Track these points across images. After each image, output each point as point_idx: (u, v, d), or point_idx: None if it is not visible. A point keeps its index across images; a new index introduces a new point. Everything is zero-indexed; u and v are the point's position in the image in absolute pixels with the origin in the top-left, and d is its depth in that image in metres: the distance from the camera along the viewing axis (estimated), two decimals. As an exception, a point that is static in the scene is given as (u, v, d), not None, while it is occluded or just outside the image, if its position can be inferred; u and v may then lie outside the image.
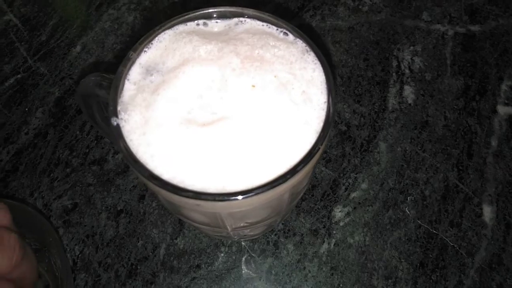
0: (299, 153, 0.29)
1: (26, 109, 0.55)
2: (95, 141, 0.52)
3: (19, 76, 0.57)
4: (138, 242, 0.46)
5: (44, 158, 0.51)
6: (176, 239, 0.47)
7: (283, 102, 0.30)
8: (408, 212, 0.48)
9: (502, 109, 0.55)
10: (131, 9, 0.63)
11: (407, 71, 0.58)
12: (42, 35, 0.61)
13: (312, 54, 0.32)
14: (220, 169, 0.28)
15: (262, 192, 0.27)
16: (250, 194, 0.26)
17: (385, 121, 0.54)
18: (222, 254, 0.46)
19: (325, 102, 0.30)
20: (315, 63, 0.31)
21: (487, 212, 0.48)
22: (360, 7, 0.63)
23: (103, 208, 0.48)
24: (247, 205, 0.28)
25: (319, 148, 0.28)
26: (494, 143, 0.53)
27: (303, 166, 0.28)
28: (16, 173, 0.50)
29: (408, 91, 0.56)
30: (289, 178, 0.27)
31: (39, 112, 0.54)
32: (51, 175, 0.50)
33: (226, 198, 0.26)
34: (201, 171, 0.28)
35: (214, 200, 0.26)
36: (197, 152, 0.28)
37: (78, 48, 0.59)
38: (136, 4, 0.63)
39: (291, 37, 0.33)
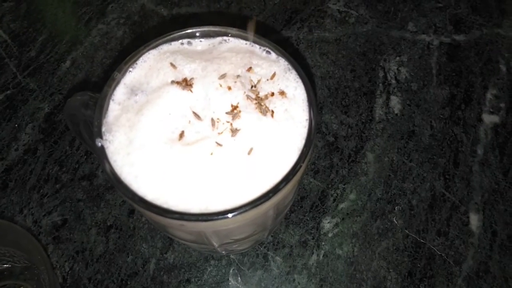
0: (282, 170, 0.29)
1: (16, 125, 0.55)
2: (85, 156, 0.52)
3: (8, 92, 0.57)
4: (128, 257, 0.46)
5: (33, 174, 0.51)
6: (166, 253, 0.47)
7: (266, 121, 0.30)
8: (396, 222, 0.49)
9: (487, 118, 0.56)
10: (120, 24, 0.64)
11: (393, 81, 0.58)
12: (31, 50, 0.61)
13: (294, 72, 0.32)
14: (203, 188, 0.28)
15: (245, 211, 0.27)
16: (233, 214, 0.27)
17: (372, 132, 0.55)
18: (212, 268, 0.46)
19: (306, 119, 0.31)
20: (297, 81, 0.32)
21: (474, 220, 0.49)
22: (347, 18, 0.64)
23: (93, 223, 0.48)
24: (231, 224, 0.29)
25: (301, 166, 0.29)
26: (480, 151, 0.53)
27: (286, 184, 0.28)
28: (6, 190, 0.50)
29: (395, 101, 0.57)
30: (271, 196, 0.28)
31: (29, 128, 0.55)
32: (41, 191, 0.50)
33: (209, 218, 0.27)
34: (184, 191, 0.28)
35: (197, 220, 0.27)
36: (180, 172, 0.29)
37: (68, 63, 0.60)
38: (125, 19, 0.64)
39: (273, 55, 0.34)
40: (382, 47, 0.61)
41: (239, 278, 0.46)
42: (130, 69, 0.34)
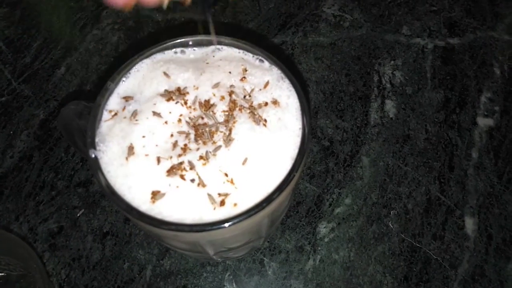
0: (275, 180, 0.29)
1: (11, 132, 0.55)
2: (80, 163, 0.52)
3: (3, 99, 0.57)
4: (124, 264, 0.46)
5: (29, 181, 0.51)
6: (162, 260, 0.47)
7: (260, 130, 0.30)
8: (392, 226, 0.49)
9: (482, 121, 0.56)
10: (115, 29, 0.63)
11: (388, 85, 0.59)
12: (26, 57, 0.61)
13: (287, 81, 0.33)
14: (197, 198, 0.28)
15: (239, 221, 0.27)
16: (227, 224, 0.27)
17: (367, 136, 0.55)
18: (208, 274, 0.46)
19: (300, 128, 0.31)
20: (290, 90, 0.32)
21: (469, 224, 0.49)
22: (341, 22, 0.64)
23: (89, 230, 0.48)
24: (225, 233, 0.29)
25: (294, 175, 0.29)
26: (474, 155, 0.54)
27: (279, 194, 0.28)
28: (1, 198, 0.50)
29: (390, 105, 0.57)
30: (265, 206, 0.28)
31: (24, 135, 0.55)
32: (37, 198, 0.50)
33: (203, 228, 0.27)
34: (178, 202, 0.28)
35: (192, 231, 0.27)
36: (174, 181, 0.29)
37: (63, 69, 0.60)
38: (120, 24, 0.64)
39: (266, 64, 0.34)
40: (377, 51, 0.61)
41: (235, 284, 0.46)
42: (124, 78, 0.34)
